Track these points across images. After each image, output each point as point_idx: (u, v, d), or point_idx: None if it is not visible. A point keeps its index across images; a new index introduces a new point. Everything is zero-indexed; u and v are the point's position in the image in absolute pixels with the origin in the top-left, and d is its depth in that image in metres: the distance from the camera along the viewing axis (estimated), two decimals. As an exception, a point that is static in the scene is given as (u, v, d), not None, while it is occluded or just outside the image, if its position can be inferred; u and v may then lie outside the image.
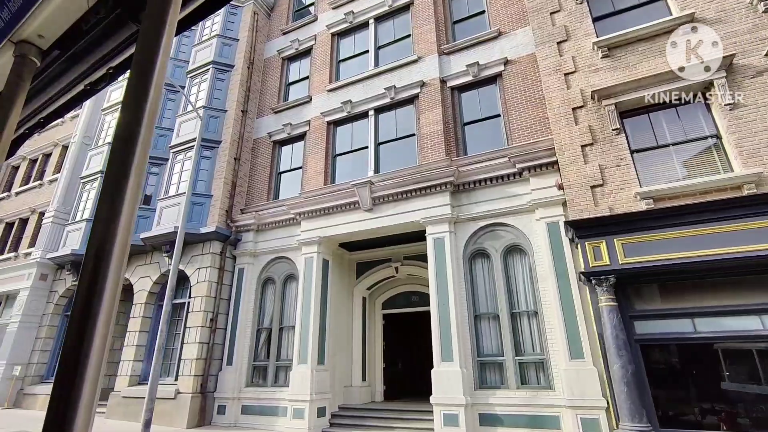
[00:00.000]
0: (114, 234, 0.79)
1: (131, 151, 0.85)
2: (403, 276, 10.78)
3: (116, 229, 0.79)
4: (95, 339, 0.72)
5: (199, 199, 11.14)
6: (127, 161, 0.84)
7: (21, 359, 12.46)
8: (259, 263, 10.84)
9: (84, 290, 0.75)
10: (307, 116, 11.82)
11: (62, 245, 13.10)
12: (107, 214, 0.80)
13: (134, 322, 10.98)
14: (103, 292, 0.75)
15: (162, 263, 11.23)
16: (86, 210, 13.26)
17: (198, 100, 12.66)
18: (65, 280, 13.21)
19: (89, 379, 0.69)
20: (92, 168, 13.93)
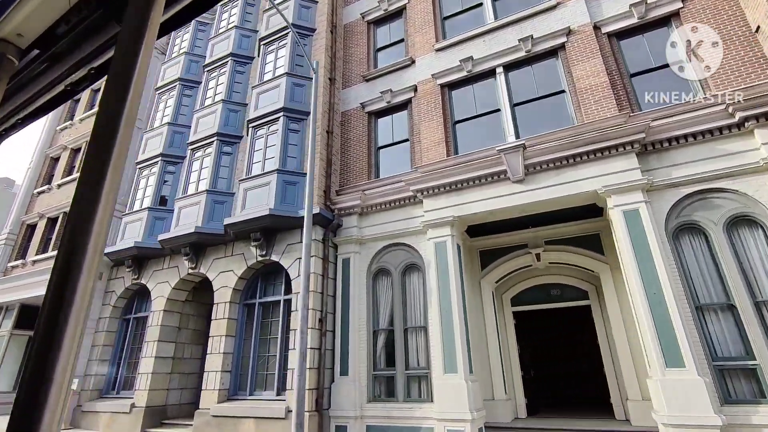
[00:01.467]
0: (86, 240, 0.73)
1: (107, 154, 0.80)
2: (543, 265, 8.94)
3: (88, 235, 0.74)
4: (62, 353, 0.67)
5: (290, 178, 9.41)
6: (102, 164, 0.79)
7: (78, 371, 10.70)
8: (368, 252, 9.05)
9: (53, 297, 0.70)
10: (410, 81, 10.11)
11: (120, 238, 11.40)
12: (80, 217, 0.75)
13: (218, 326, 9.20)
14: (73, 300, 0.70)
15: (248, 254, 9.47)
16: (146, 198, 11.57)
17: (277, 68, 11.00)
18: (124, 279, 11.48)
19: (56, 383, 0.66)
20: (150, 152, 12.28)
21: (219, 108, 11.34)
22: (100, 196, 0.76)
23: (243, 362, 9.02)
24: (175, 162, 12.02)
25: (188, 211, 10.30)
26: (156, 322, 10.20)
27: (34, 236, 14.38)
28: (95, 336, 11.15)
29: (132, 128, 0.86)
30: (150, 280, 10.88)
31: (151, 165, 12.04)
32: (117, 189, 0.80)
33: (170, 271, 10.61)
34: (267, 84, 10.70)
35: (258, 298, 9.41)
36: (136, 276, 11.11)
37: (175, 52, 14.02)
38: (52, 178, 15.64)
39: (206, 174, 10.68)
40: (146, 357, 9.92)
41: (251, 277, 9.63)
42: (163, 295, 10.40)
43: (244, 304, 9.50)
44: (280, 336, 8.71)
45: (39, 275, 12.69)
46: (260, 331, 9.13)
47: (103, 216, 0.75)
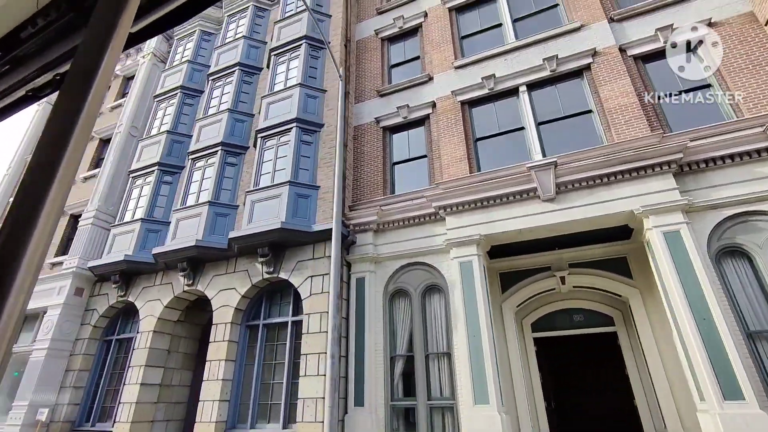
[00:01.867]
0: (22, 254, 0.67)
1: (55, 163, 0.74)
2: (566, 289, 8.56)
3: (25, 249, 0.68)
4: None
5: (302, 191, 8.88)
6: (49, 174, 0.73)
7: (47, 399, 9.51)
8: (384, 271, 8.49)
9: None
10: (428, 97, 9.89)
11: (107, 251, 10.48)
12: (18, 228, 0.69)
13: (216, 349, 8.34)
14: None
15: (253, 271, 8.76)
16: (139, 209, 10.77)
17: (289, 78, 10.64)
18: (108, 296, 10.49)
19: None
20: (145, 160, 11.56)
21: (224, 117, 10.82)
22: (40, 212, 0.70)
23: (244, 390, 8.16)
24: (172, 172, 11.33)
25: (187, 223, 9.57)
26: (144, 344, 9.23)
27: (6, 248, 13.18)
28: (70, 359, 10.01)
29: (86, 139, 0.81)
30: (139, 298, 9.95)
31: (146, 174, 11.30)
32: (65, 198, 0.75)
33: (163, 288, 9.74)
34: (279, 94, 10.29)
35: (262, 319, 8.64)
36: (122, 293, 10.15)
37: (177, 60, 13.54)
38: None
39: (208, 185, 10.03)
40: (130, 384, 8.90)
41: (255, 296, 8.88)
42: (154, 315, 9.48)
43: (246, 326, 8.70)
44: (288, 361, 7.93)
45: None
46: (264, 356, 8.32)
47: (42, 231, 0.70)
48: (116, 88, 14.90)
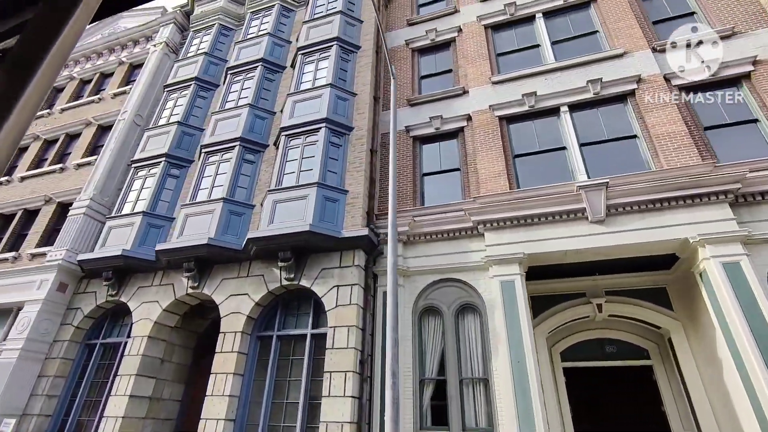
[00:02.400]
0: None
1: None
2: (601, 318, 8.19)
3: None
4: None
5: (330, 194, 8.31)
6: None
7: (15, 408, 8.30)
8: (413, 286, 7.92)
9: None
10: (462, 110, 9.61)
11: (101, 245, 9.52)
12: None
13: (223, 361, 7.48)
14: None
15: (269, 276, 8.02)
16: (140, 201, 9.92)
17: (317, 78, 10.20)
18: (96, 294, 9.44)
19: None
20: (151, 150, 10.76)
21: (245, 112, 10.22)
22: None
23: (252, 410, 7.28)
24: (180, 165, 10.55)
25: (198, 220, 8.79)
26: (136, 350, 8.24)
27: (-23, 234, 11.90)
28: (45, 363, 8.86)
29: (24, 127, 0.76)
30: (133, 299, 8.98)
31: (151, 165, 10.48)
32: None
33: (162, 290, 8.82)
34: (306, 93, 9.81)
35: (276, 330, 7.86)
36: (114, 292, 9.16)
37: (192, 51, 12.94)
38: (13, 170, 13.39)
39: (223, 180, 9.32)
40: (117, 395, 7.86)
41: (269, 305, 8.11)
42: (150, 318, 8.53)
43: (257, 336, 7.88)
44: (305, 379, 7.14)
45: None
46: (277, 372, 7.50)
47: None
48: (121, 75, 14.08)
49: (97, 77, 14.66)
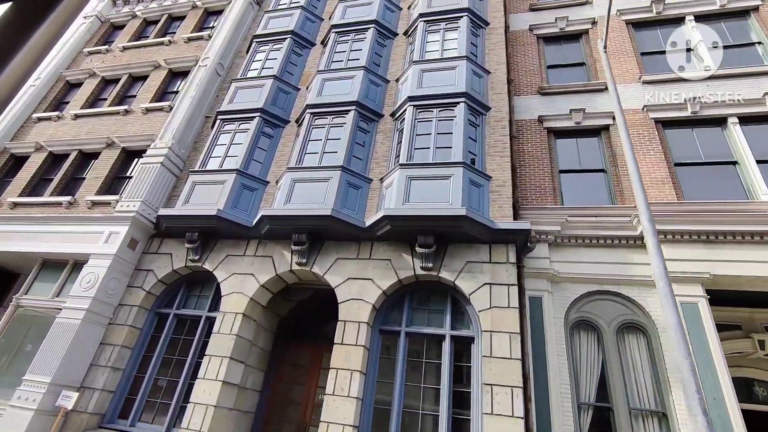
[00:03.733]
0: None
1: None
2: (758, 355, 7.33)
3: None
4: None
5: (476, 177, 7.26)
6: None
7: (74, 379, 7.00)
8: (563, 294, 6.92)
9: None
10: (606, 106, 8.66)
11: (183, 201, 8.26)
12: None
13: (346, 355, 6.33)
14: None
15: (399, 263, 6.92)
16: (230, 158, 8.71)
17: (445, 50, 9.14)
18: (171, 257, 8.17)
19: None
20: (241, 103, 9.52)
21: (359, 75, 9.09)
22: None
23: (377, 417, 6.15)
24: (275, 125, 9.34)
25: (309, 187, 7.63)
26: (228, 328, 7.03)
27: (21, 172, 10.44)
28: (109, 329, 7.56)
29: (34, 63, 0.71)
30: (220, 268, 7.74)
31: (243, 120, 9.25)
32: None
33: (259, 262, 7.62)
34: (437, 63, 8.74)
35: (405, 325, 6.75)
36: (196, 257, 7.90)
37: (285, 3, 11.71)
38: (64, 106, 11.94)
39: (335, 147, 8.18)
40: (206, 379, 6.64)
41: (394, 294, 6.99)
42: (244, 293, 7.32)
43: (380, 331, 6.76)
44: (447, 389, 6.05)
45: (18, 224, 8.90)
46: (406, 375, 6.39)
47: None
48: (194, 20, 12.73)
49: (164, 19, 13.26)
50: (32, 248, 8.51)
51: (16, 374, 7.25)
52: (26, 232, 8.81)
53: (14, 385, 6.96)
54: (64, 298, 7.86)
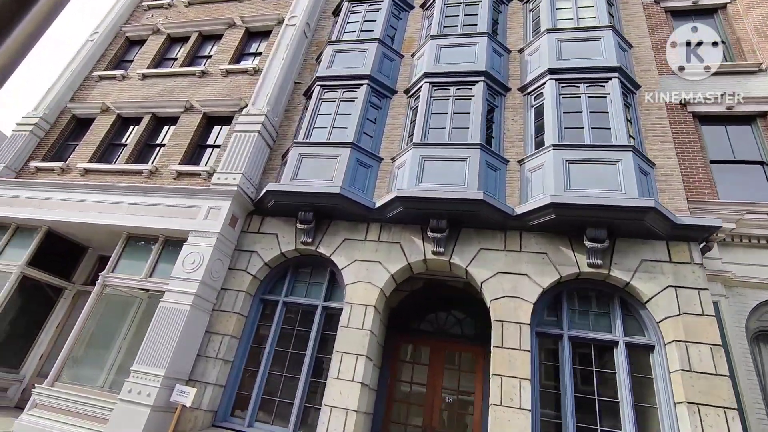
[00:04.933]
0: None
1: None
2: None
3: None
4: None
5: (642, 163, 6.37)
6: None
7: (183, 370, 6.22)
8: (739, 300, 6.15)
9: None
10: (759, 91, 7.72)
11: (291, 176, 7.36)
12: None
13: (509, 360, 5.55)
14: None
15: (556, 256, 6.09)
16: (337, 129, 7.76)
17: (580, 18, 8.11)
18: (277, 238, 7.30)
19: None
20: (343, 69, 8.54)
21: (483, 42, 8.09)
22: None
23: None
24: (382, 94, 8.35)
25: (444, 166, 6.75)
26: (360, 323, 6.23)
27: (86, 135, 9.44)
28: (215, 317, 6.75)
29: None
30: (338, 253, 6.89)
31: (347, 88, 8.26)
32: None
33: (385, 248, 6.77)
34: (576, 33, 7.74)
35: (567, 328, 5.96)
36: (309, 239, 7.04)
37: (376, -39, 10.52)
38: (125, 65, 10.85)
39: (465, 122, 7.24)
40: (341, 379, 5.87)
41: (549, 293, 6.18)
42: (374, 283, 6.50)
43: (537, 333, 5.97)
44: (628, 401, 5.30)
45: (87, 192, 7.99)
46: (575, 385, 5.64)
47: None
48: (268, -25, 11.52)
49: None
50: (115, 221, 7.61)
51: (103, 361, 6.48)
52: (102, 203, 7.89)
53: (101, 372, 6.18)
54: (159, 279, 7.03)
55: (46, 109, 9.72)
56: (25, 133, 9.38)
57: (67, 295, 8.75)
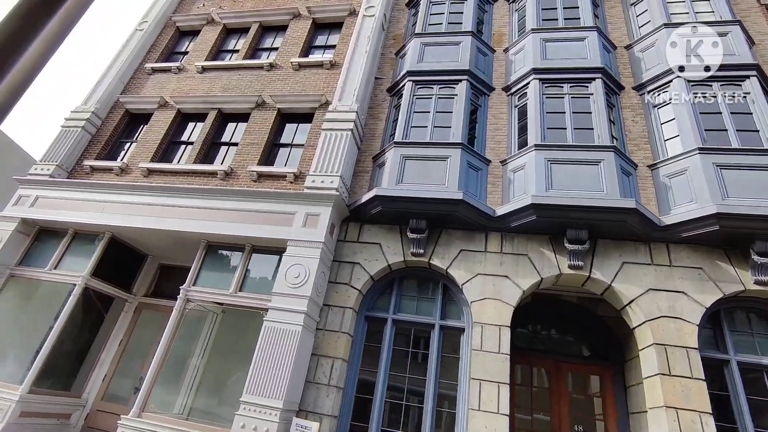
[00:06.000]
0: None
1: None
2: None
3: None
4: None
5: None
6: None
7: (293, 400, 5.47)
8: None
9: None
10: None
11: (395, 180, 6.65)
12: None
13: (681, 390, 4.91)
14: None
15: (717, 273, 5.46)
16: (440, 129, 7.09)
17: (696, 13, 7.55)
18: (381, 248, 6.58)
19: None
20: (435, 63, 7.87)
21: (592, 37, 7.50)
22: None
23: (738, 474, 4.79)
24: (481, 91, 7.68)
25: (573, 171, 6.10)
26: (494, 345, 5.55)
27: (146, 132, 8.62)
28: (320, 337, 6.00)
29: None
30: (456, 265, 6.20)
31: (443, 84, 7.59)
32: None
33: (511, 261, 6.10)
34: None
35: (734, 352, 5.34)
36: (420, 250, 6.33)
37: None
38: (176, 57, 10.07)
39: (585, 122, 6.61)
40: (482, 411, 5.18)
41: (712, 314, 5.55)
42: (503, 300, 5.82)
43: (702, 357, 5.33)
44: None
45: (154, 195, 7.23)
46: (754, 419, 5.02)
47: None
48: (329, -36, 10.79)
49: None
50: (192, 227, 6.82)
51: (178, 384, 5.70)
52: (172, 206, 7.11)
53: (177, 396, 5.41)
54: (252, 294, 6.27)
55: (97, 104, 8.88)
56: (77, 129, 8.53)
57: (128, 308, 7.92)
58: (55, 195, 7.73)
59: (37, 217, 7.53)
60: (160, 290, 8.23)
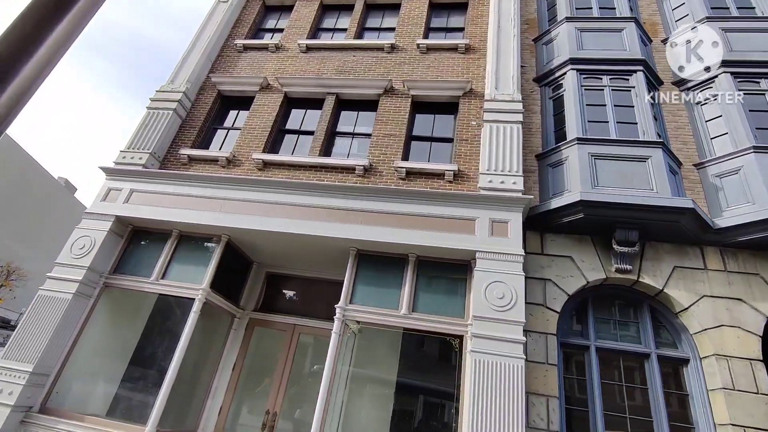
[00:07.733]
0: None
1: None
2: None
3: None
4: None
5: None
6: None
7: (526, 454, 4.44)
8: None
9: None
10: None
11: (590, 183, 5.69)
12: None
13: None
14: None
15: None
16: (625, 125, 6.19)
17: None
18: (574, 261, 5.60)
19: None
20: (600, 51, 6.95)
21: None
22: None
23: None
24: (651, 84, 6.81)
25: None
26: (750, 383, 4.66)
27: (250, 118, 7.38)
28: (527, 370, 4.97)
29: None
30: (672, 285, 5.30)
31: (614, 74, 6.70)
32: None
33: (739, 281, 5.23)
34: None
35: None
36: (627, 265, 5.39)
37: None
38: (262, 34, 8.85)
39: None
40: (757, 466, 4.27)
41: None
42: (747, 329, 4.95)
43: None
44: None
45: (276, 191, 6.11)
46: None
47: None
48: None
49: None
50: (337, 233, 5.68)
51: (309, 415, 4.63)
52: (301, 206, 5.97)
53: None
54: (429, 315, 5.21)
55: (187, 83, 7.58)
56: (168, 112, 7.23)
57: (237, 326, 6.68)
58: (151, 189, 6.44)
59: (136, 215, 6.22)
60: (271, 303, 7.03)
